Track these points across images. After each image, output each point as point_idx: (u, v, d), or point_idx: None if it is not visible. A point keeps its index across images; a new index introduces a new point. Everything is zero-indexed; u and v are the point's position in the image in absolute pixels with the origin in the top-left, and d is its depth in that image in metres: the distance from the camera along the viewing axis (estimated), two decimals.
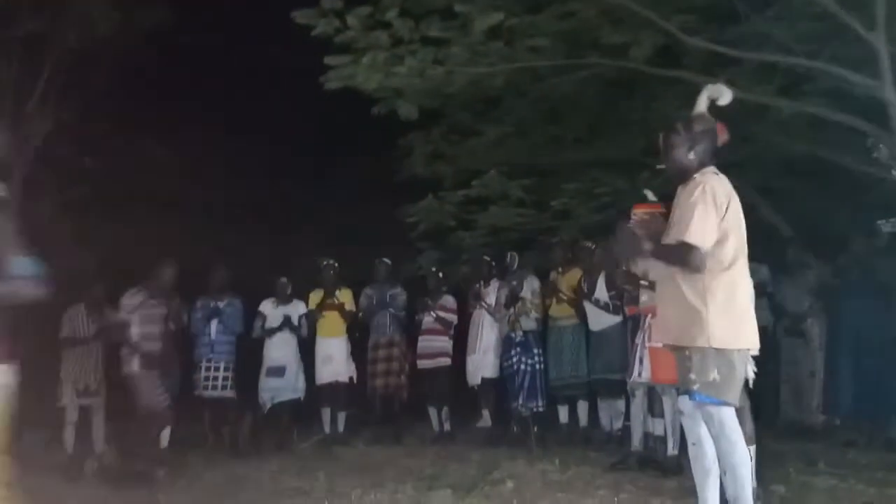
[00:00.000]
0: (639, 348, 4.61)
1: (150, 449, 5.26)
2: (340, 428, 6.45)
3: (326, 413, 6.47)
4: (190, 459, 5.43)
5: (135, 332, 5.29)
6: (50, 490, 4.29)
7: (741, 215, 2.91)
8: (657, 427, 4.66)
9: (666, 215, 3.89)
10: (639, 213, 4.04)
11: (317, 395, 6.54)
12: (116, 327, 5.56)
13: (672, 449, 4.40)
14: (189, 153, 9.23)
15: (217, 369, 6.11)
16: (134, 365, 5.25)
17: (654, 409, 4.67)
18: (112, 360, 6.07)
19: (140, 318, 5.34)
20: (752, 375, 3.03)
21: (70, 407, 5.87)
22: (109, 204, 8.94)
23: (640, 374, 4.59)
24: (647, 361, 4.49)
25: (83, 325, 6.00)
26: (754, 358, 3.00)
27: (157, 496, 4.26)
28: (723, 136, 3.01)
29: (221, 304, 6.23)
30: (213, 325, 6.18)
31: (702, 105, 3.06)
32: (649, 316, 4.41)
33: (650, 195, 4.25)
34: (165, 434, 5.86)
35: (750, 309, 2.88)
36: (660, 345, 4.18)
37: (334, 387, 6.45)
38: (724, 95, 3.06)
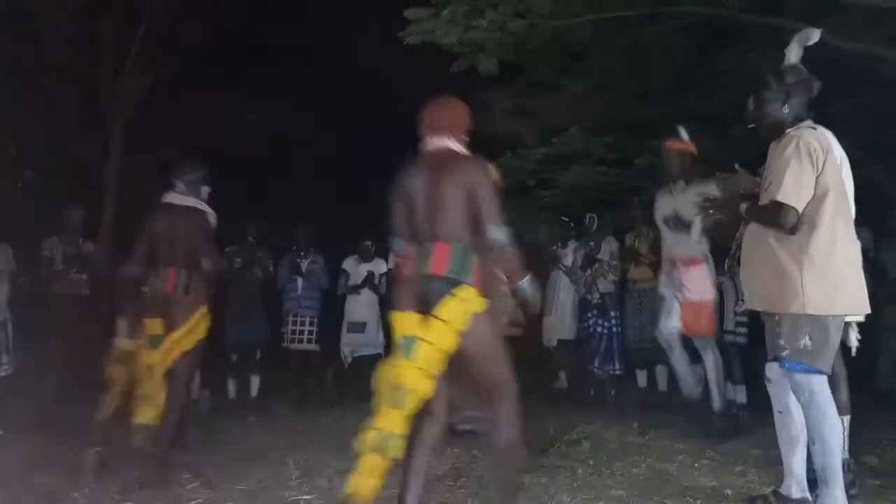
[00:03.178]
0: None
1: None
2: None
3: None
4: (277, 407, 5.69)
5: None
6: None
7: (844, 170, 2.73)
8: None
9: (695, 156, 4.37)
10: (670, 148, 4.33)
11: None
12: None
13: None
14: (278, 111, 9.44)
15: (303, 323, 6.36)
16: None
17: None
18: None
19: None
20: (854, 343, 2.88)
21: None
22: (199, 160, 9.32)
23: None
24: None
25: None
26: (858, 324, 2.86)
27: (247, 437, 4.50)
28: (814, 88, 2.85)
29: (307, 261, 6.44)
30: (300, 281, 6.40)
31: (793, 55, 2.88)
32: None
33: (683, 133, 4.37)
34: (255, 383, 6.16)
35: (852, 271, 2.69)
36: (694, 298, 4.29)
37: None
38: (814, 36, 2.89)
